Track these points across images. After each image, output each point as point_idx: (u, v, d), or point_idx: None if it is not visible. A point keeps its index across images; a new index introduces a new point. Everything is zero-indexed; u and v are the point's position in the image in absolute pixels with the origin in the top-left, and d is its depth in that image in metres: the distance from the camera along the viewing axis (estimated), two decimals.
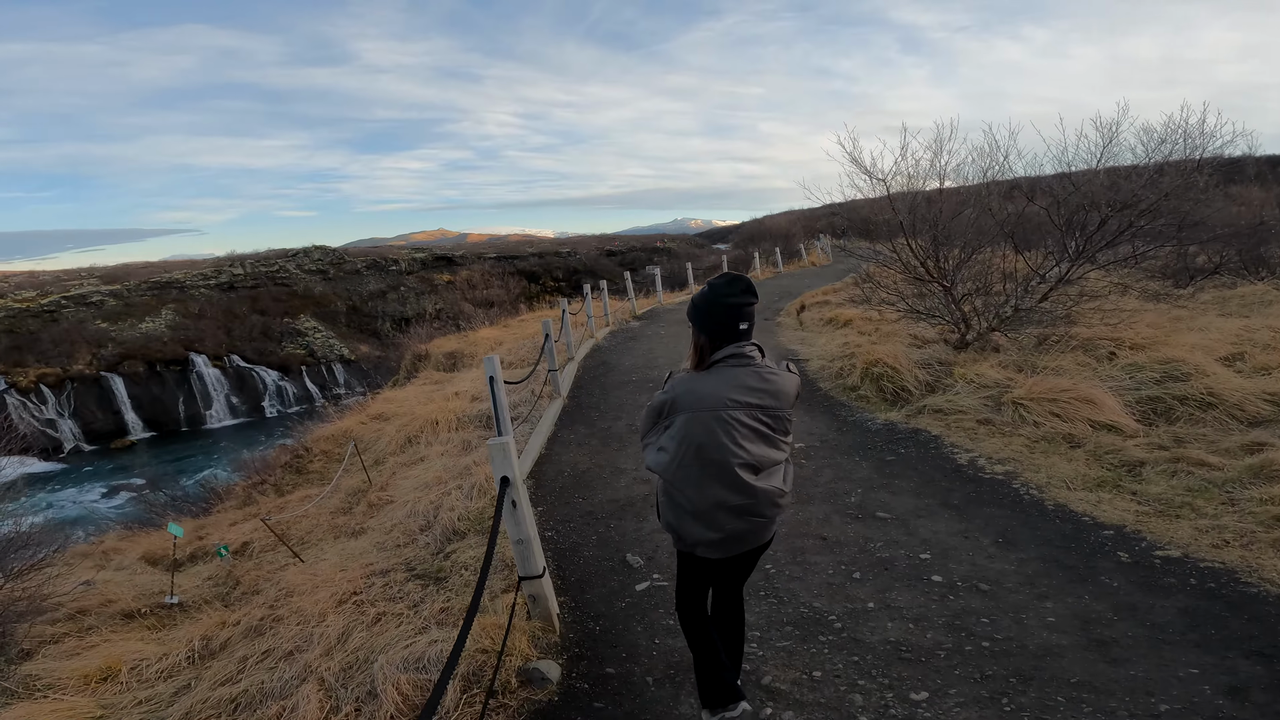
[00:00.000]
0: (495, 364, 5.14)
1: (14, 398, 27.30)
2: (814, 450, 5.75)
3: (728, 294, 2.24)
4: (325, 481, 7.01)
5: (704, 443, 2.21)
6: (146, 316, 31.69)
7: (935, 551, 3.84)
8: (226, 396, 30.70)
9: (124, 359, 30.03)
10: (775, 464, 2.31)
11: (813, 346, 9.99)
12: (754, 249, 25.68)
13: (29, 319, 29.89)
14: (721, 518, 2.25)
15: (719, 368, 2.26)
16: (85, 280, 33.23)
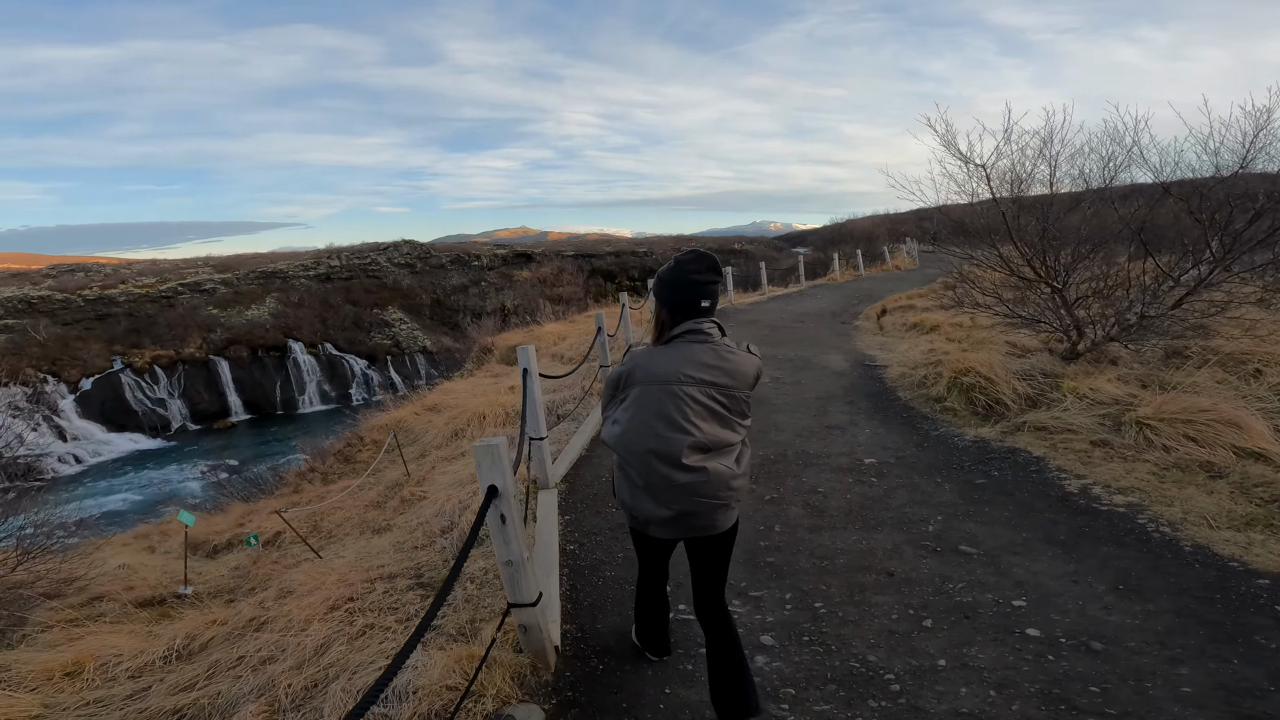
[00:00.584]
0: (530, 356, 4.75)
1: (129, 377, 29.70)
2: (886, 467, 5.04)
3: (693, 270, 2.23)
4: (373, 470, 6.88)
5: (654, 417, 2.19)
6: (252, 304, 33.80)
7: (1033, 597, 3.15)
8: (318, 383, 32.28)
9: (230, 344, 32.10)
10: (728, 445, 2.25)
11: (892, 352, 9.13)
12: (834, 251, 24.53)
13: (148, 304, 32.47)
14: (671, 496, 2.21)
15: (677, 343, 2.24)
16: (200, 269, 35.86)
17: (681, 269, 2.26)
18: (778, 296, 16.77)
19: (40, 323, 30.59)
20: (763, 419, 6.46)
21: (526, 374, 4.69)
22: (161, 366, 30.85)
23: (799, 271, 19.12)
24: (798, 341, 10.43)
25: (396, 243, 36.88)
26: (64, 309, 31.35)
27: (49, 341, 30.29)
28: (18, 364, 28.84)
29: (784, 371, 8.36)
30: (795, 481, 4.88)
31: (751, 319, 12.96)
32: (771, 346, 9.99)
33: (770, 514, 4.34)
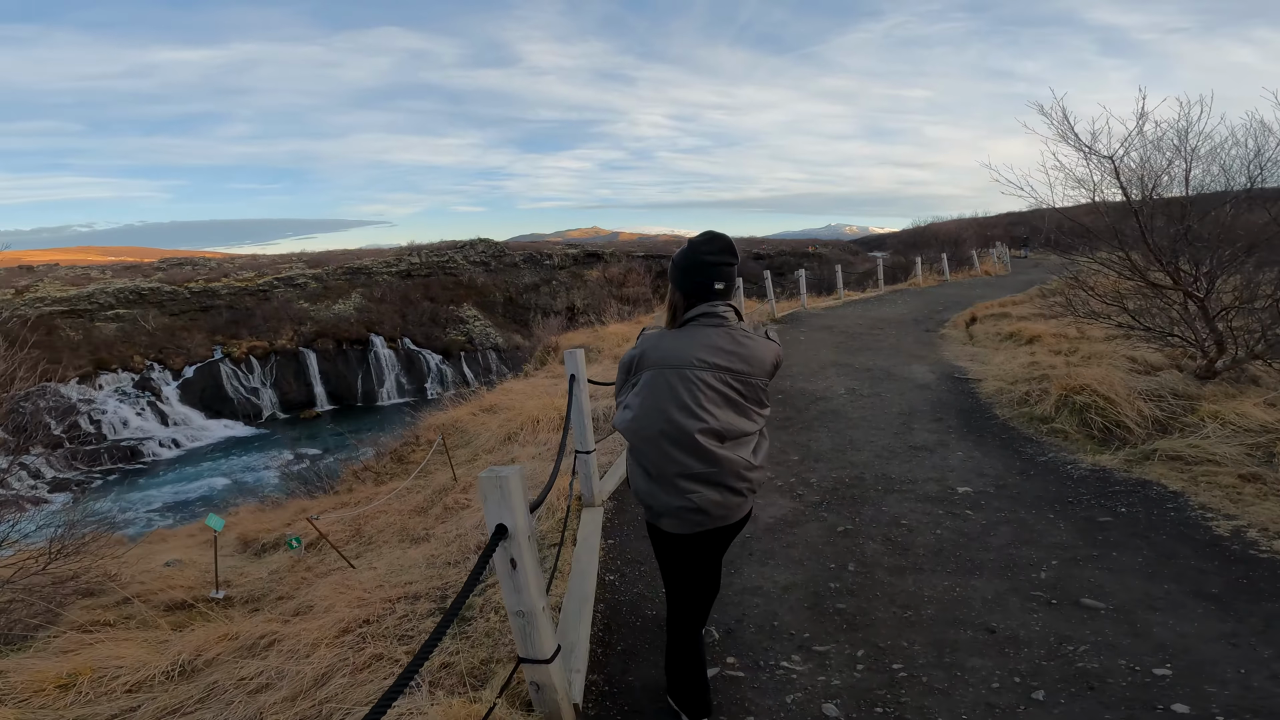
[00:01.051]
0: (578, 361, 4.34)
1: (227, 366, 31.49)
2: (985, 498, 4.36)
3: (706, 251, 2.14)
4: (423, 473, 6.69)
5: (666, 403, 2.08)
6: (339, 299, 35.26)
7: (1179, 664, 2.53)
8: (396, 377, 33.32)
9: (318, 336, 33.58)
10: (744, 434, 2.15)
11: (986, 364, 8.24)
12: (916, 255, 23.12)
13: (247, 297, 34.38)
14: (685, 485, 2.11)
15: (690, 326, 2.15)
16: (294, 264, 37.74)
17: (694, 250, 2.15)
18: (854, 301, 15.84)
19: (149, 313, 32.90)
20: (837, 435, 5.84)
21: (574, 381, 4.29)
22: (256, 357, 32.57)
23: (878, 276, 18.01)
24: (876, 350, 9.65)
25: (473, 241, 37.70)
26: (171, 300, 33.60)
27: (157, 330, 32.53)
28: (128, 351, 31.12)
29: (861, 382, 7.67)
30: (874, 511, 4.27)
31: (825, 324, 12.20)
32: (847, 354, 9.28)
33: (843, 549, 3.77)
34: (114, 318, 32.33)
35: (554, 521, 4.05)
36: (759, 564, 3.64)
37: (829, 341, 10.38)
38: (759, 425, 2.20)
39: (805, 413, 6.57)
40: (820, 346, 9.99)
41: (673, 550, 2.29)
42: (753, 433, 2.18)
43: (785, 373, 8.24)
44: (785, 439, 5.83)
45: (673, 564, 2.33)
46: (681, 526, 2.17)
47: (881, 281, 17.79)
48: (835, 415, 6.43)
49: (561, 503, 4.17)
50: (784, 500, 4.52)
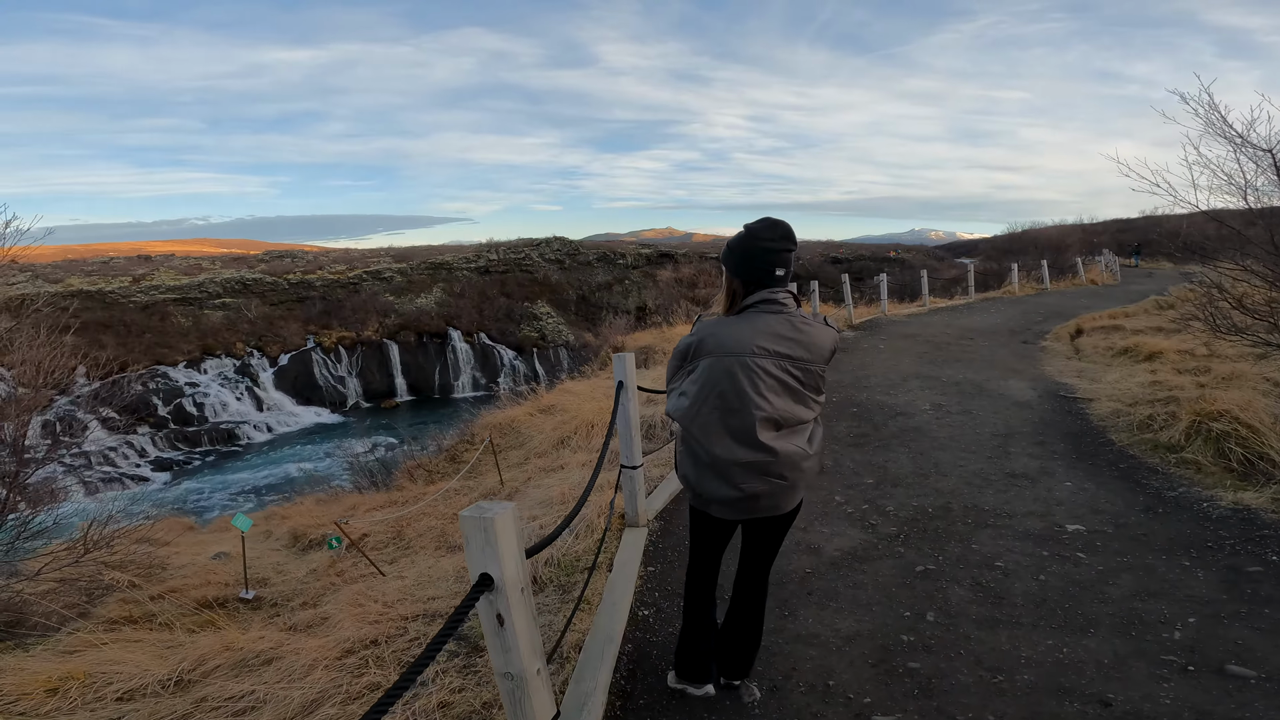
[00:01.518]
0: (627, 366, 3.93)
1: (318, 355, 33.02)
2: (1100, 538, 3.68)
3: (766, 238, 2.06)
4: (473, 474, 6.48)
5: (725, 390, 2.05)
6: (421, 293, 36.39)
7: None
8: (471, 370, 34.06)
9: (401, 329, 34.74)
10: (801, 422, 2.11)
11: (1097, 382, 7.30)
12: (1011, 262, 21.45)
13: (338, 289, 35.99)
14: (738, 474, 2.08)
15: (749, 313, 2.09)
16: (382, 258, 39.27)
17: (753, 236, 2.07)
18: (941, 309, 14.73)
19: (252, 302, 34.95)
20: (920, 457, 5.19)
21: (622, 388, 3.88)
22: (344, 347, 34.03)
23: (968, 282, 16.70)
24: (967, 361, 8.79)
25: (548, 239, 38.08)
26: (272, 290, 35.58)
27: (257, 319, 34.51)
28: (231, 338, 33.15)
29: (949, 397, 6.90)
30: (961, 548, 3.66)
31: (908, 332, 11.30)
32: (932, 366, 8.47)
33: (921, 594, 3.20)
34: (220, 306, 34.54)
35: (590, 542, 3.66)
36: (818, 606, 3.13)
37: (912, 351, 9.56)
38: (815, 413, 2.16)
39: (883, 429, 5.92)
40: (902, 356, 9.20)
41: (716, 533, 2.31)
42: (809, 420, 2.14)
43: (861, 384, 7.56)
44: (858, 459, 5.23)
45: (709, 544, 2.34)
46: (731, 513, 2.17)
47: (972, 288, 16.49)
48: (918, 434, 5.76)
49: (601, 520, 3.77)
50: (853, 530, 3.96)
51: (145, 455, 27.25)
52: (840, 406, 6.66)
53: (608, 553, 3.59)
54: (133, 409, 28.68)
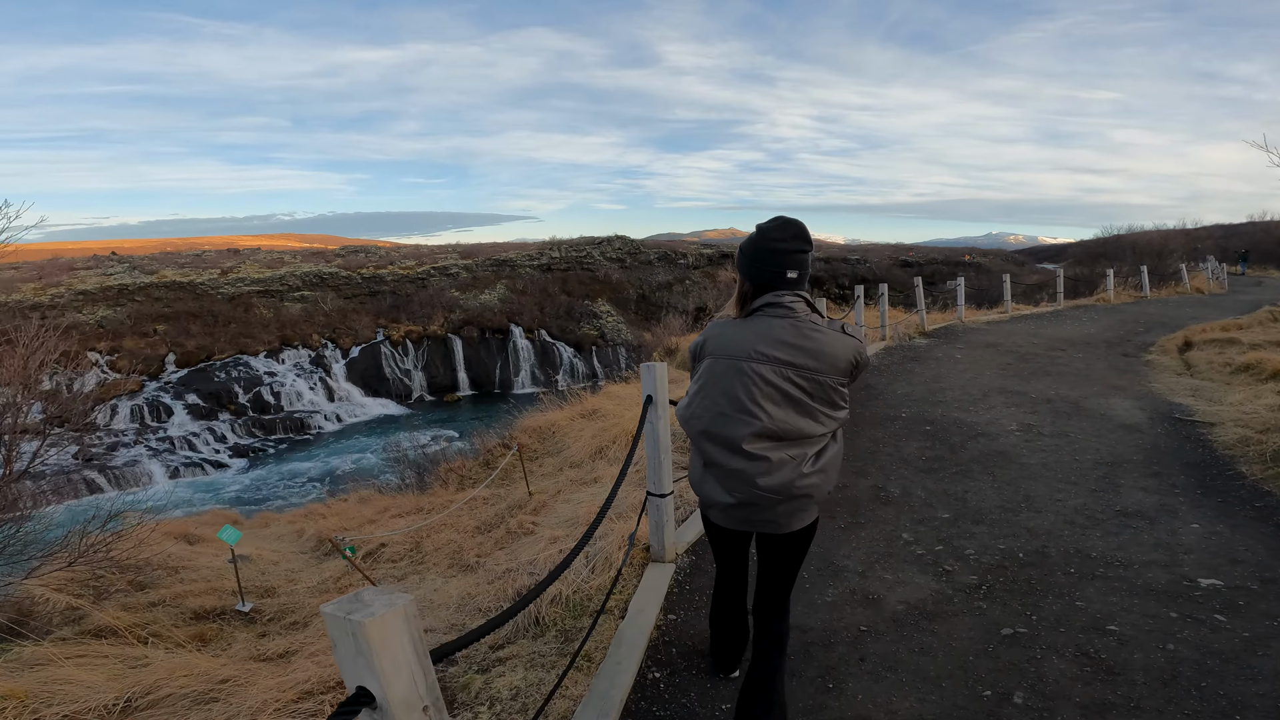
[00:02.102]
0: (657, 378, 3.30)
1: (387, 348, 33.83)
2: (1245, 595, 2.91)
3: (776, 238, 1.92)
4: (505, 480, 6.07)
5: (719, 395, 1.94)
6: (485, 289, 36.81)
7: None
8: (531, 367, 34.19)
9: (465, 324, 35.22)
10: (805, 436, 1.91)
11: (1217, 403, 6.26)
12: (1106, 267, 19.65)
13: (407, 284, 36.82)
14: (730, 481, 1.96)
15: (754, 317, 1.96)
16: (449, 254, 39.99)
17: (764, 237, 1.94)
18: (1025, 316, 13.46)
19: (328, 295, 36.19)
20: (1006, 488, 4.42)
21: (650, 403, 3.29)
22: (411, 340, 34.75)
23: (1056, 288, 15.23)
24: (1058, 375, 7.79)
25: (609, 238, 37.79)
26: (346, 284, 36.74)
27: (332, 312, 35.70)
28: (308, 330, 34.37)
29: (1039, 417, 6.03)
30: (1061, 605, 2.95)
31: (989, 341, 10.26)
32: (1018, 380, 7.53)
33: (1008, 665, 2.53)
34: (299, 298, 35.93)
35: (605, 578, 3.12)
36: (872, 677, 2.50)
37: (994, 362, 8.60)
38: (827, 429, 1.96)
39: (961, 453, 5.15)
40: (982, 368, 8.26)
41: (724, 541, 2.25)
42: (816, 435, 1.94)
43: (935, 398, 6.74)
44: (931, 487, 4.51)
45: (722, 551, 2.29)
46: (728, 521, 2.09)
47: (1061, 295, 15.03)
48: (1003, 459, 4.97)
49: (620, 553, 3.23)
50: (923, 578, 3.28)
51: (225, 441, 28.45)
52: (910, 423, 5.90)
53: (623, 592, 3.04)
54: (216, 396, 30.18)
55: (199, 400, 29.51)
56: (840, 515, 4.11)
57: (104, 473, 24.47)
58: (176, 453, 26.88)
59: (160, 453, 26.56)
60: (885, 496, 4.37)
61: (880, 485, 4.56)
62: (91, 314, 32.56)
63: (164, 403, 29.16)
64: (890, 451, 5.18)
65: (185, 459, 26.56)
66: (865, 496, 4.39)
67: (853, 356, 1.93)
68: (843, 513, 4.15)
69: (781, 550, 2.07)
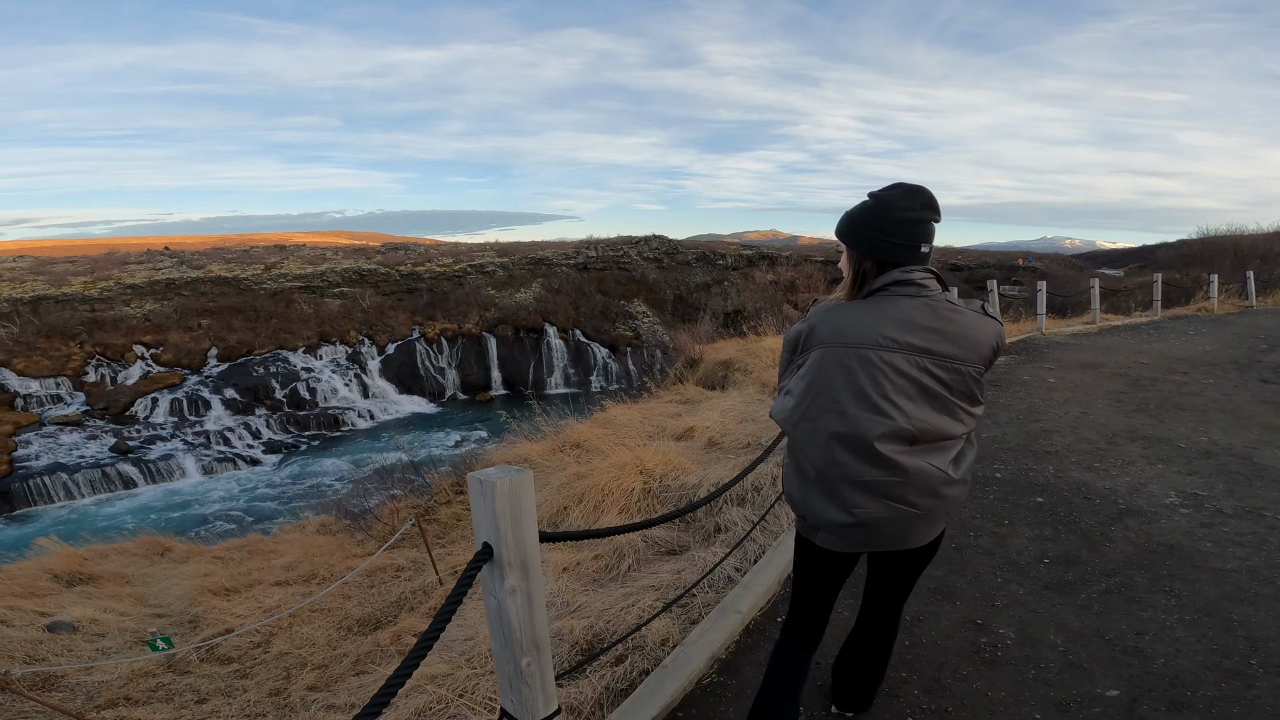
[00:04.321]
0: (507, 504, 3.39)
1: (422, 345, 32.90)
2: None
3: (904, 205, 1.56)
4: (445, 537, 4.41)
5: (838, 391, 1.54)
6: (521, 288, 35.57)
7: None
8: (564, 367, 32.78)
9: (499, 323, 34.06)
10: (945, 438, 1.57)
11: None
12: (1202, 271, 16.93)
13: (444, 281, 35.86)
14: (851, 495, 1.57)
15: (878, 298, 1.58)
16: (486, 252, 38.93)
17: (888, 205, 1.57)
18: (1118, 328, 11.11)
19: (366, 292, 35.48)
20: (1207, 619, 2.50)
21: (489, 560, 1.50)
22: (446, 339, 33.76)
23: (1154, 296, 12.74)
24: (1196, 412, 5.69)
25: (647, 237, 35.96)
26: (384, 281, 36.00)
27: (370, 309, 34.97)
28: (346, 326, 33.70)
29: (1203, 479, 4.03)
30: None
31: (1085, 360, 8.11)
32: (1148, 417, 5.47)
33: None
34: (339, 295, 35.31)
35: None
36: None
37: (1101, 390, 6.52)
38: (968, 427, 1.61)
39: (1105, 549, 3.23)
40: (1089, 398, 6.20)
41: (825, 569, 1.77)
42: (957, 436, 1.59)
43: (1038, 445, 4.77)
44: (1071, 624, 2.62)
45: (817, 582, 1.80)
46: (842, 544, 1.67)
47: (1159, 303, 12.56)
48: (1180, 562, 3.04)
49: None
50: None
51: (259, 436, 27.87)
52: (1011, 491, 3.97)
53: None
54: (253, 391, 29.66)
55: (236, 395, 29.03)
56: (906, 692, 2.29)
57: (139, 465, 24.14)
58: (211, 447, 26.41)
59: (195, 447, 26.10)
60: (991, 649, 2.52)
61: (978, 621, 2.70)
62: (139, 308, 32.51)
63: (203, 396, 28.77)
64: (988, 547, 3.29)
65: (219, 454, 26.04)
66: (954, 648, 2.54)
67: (994, 341, 1.61)
68: (912, 686, 2.33)
69: (904, 568, 1.80)
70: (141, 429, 27.07)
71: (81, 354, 29.99)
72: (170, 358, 30.97)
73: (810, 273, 34.47)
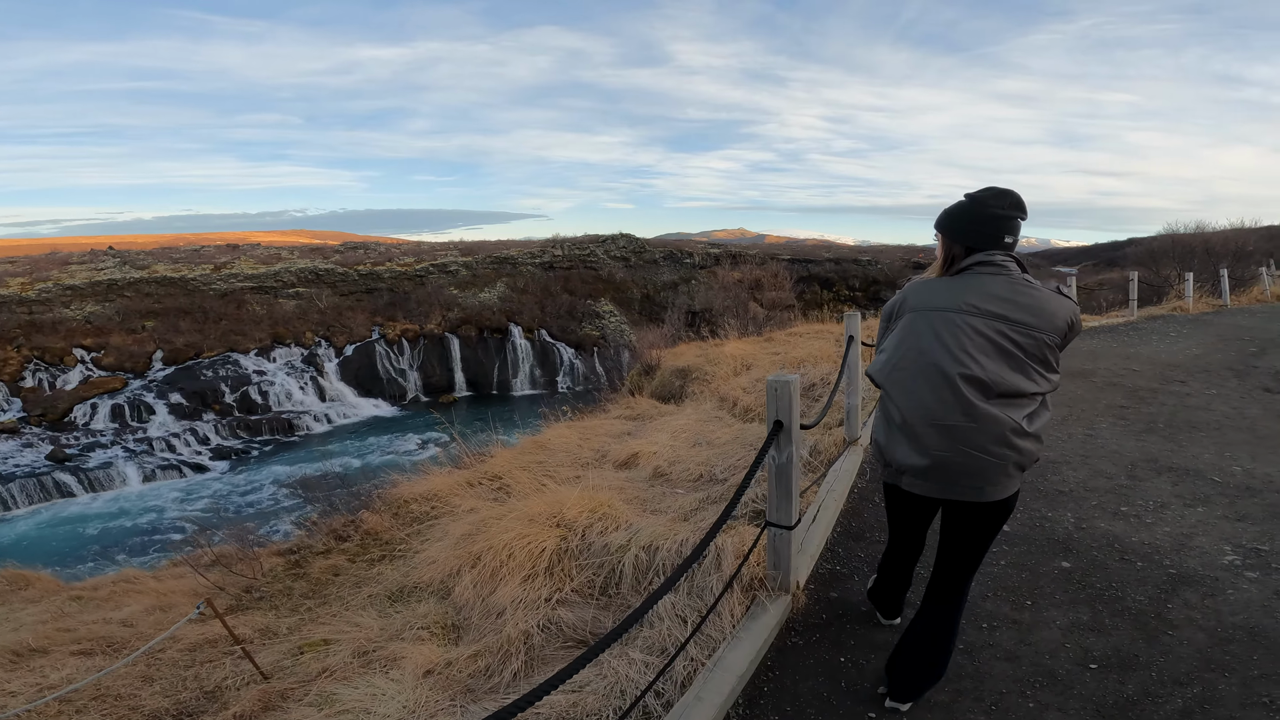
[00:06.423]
0: None
1: (382, 347, 31.41)
2: None
3: (995, 205, 1.81)
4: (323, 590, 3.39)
5: (926, 344, 1.78)
6: (485, 287, 34.26)
7: None
8: (530, 368, 31.61)
9: (463, 323, 32.71)
10: (1019, 394, 1.73)
11: None
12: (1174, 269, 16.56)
13: (405, 281, 34.36)
14: (929, 437, 1.75)
15: (965, 274, 1.83)
16: (449, 251, 37.49)
17: (981, 204, 1.82)
18: (1097, 330, 10.40)
19: (323, 292, 33.81)
20: None
21: None
22: (407, 340, 32.30)
23: (1130, 296, 12.13)
24: (1213, 431, 4.89)
25: (614, 236, 34.86)
26: (343, 281, 34.35)
27: (327, 309, 33.31)
28: (301, 327, 32.01)
29: (1255, 525, 3.17)
30: None
31: (1074, 368, 7.33)
32: (1163, 441, 4.62)
33: None
34: (294, 295, 33.55)
35: None
36: None
37: (1100, 404, 5.72)
38: (1041, 389, 1.76)
39: (1169, 640, 2.32)
40: (1090, 414, 5.38)
41: (908, 510, 2.04)
42: (1031, 394, 1.74)
43: (1051, 481, 3.86)
44: None
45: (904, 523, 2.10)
46: (923, 487, 1.84)
47: (1134, 303, 11.96)
48: (1271, 652, 2.17)
49: None
50: None
51: (207, 443, 26.19)
52: (1030, 550, 3.05)
53: None
54: (201, 395, 27.88)
55: (183, 399, 27.25)
56: None
57: (77, 474, 22.48)
58: (155, 454, 24.72)
59: (137, 454, 24.40)
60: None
61: None
62: (79, 310, 30.44)
63: (146, 401, 26.95)
64: (1009, 646, 2.36)
65: (163, 461, 24.38)
66: None
67: (1069, 317, 1.79)
68: None
69: (977, 522, 1.87)
70: (80, 435, 25.30)
71: (18, 358, 27.93)
72: (112, 361, 29.05)
73: (776, 270, 33.75)
